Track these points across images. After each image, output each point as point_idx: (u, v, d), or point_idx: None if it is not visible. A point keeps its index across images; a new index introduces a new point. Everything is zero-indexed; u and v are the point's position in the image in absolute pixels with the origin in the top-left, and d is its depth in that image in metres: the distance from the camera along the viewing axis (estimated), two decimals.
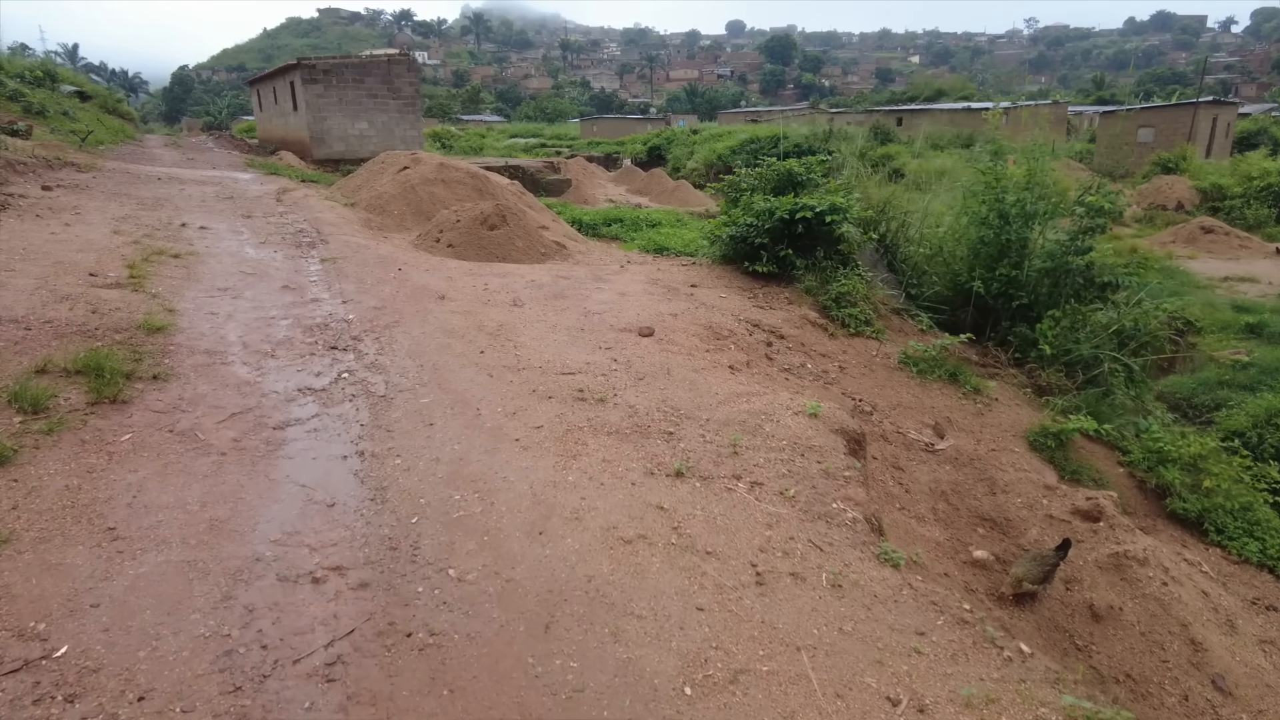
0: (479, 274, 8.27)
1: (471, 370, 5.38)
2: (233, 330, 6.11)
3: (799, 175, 8.93)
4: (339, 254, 8.74)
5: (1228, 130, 37.72)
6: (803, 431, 4.60)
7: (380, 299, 7.04)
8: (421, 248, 10.72)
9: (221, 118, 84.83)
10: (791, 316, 7.33)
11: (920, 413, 6.43)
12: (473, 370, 5.38)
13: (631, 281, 8.06)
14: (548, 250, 11.29)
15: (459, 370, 5.37)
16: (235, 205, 11.85)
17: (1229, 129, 37.87)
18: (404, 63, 27.54)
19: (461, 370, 5.37)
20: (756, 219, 8.13)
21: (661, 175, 35.38)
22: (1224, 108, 37.79)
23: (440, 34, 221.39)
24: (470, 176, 13.57)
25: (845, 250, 8.18)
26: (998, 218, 8.42)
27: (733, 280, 8.36)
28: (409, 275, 7.90)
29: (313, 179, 19.23)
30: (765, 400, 4.99)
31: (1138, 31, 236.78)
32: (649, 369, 5.49)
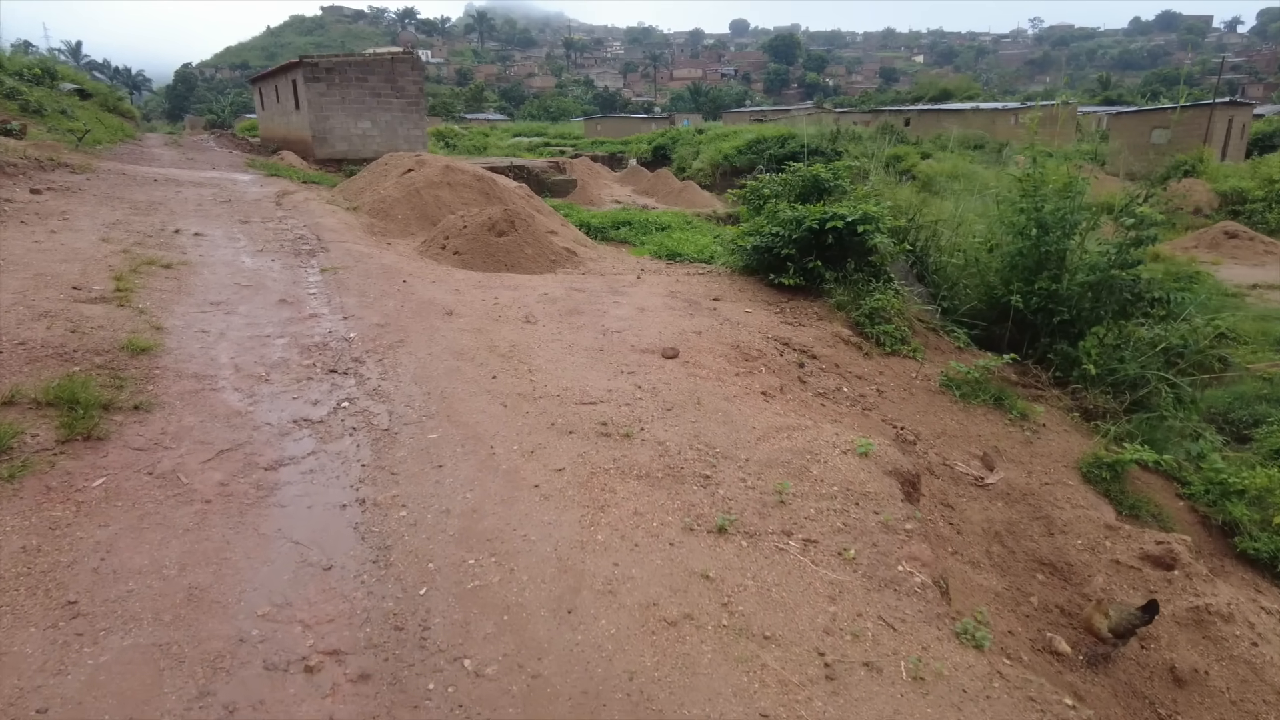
0: (488, 286, 7.81)
1: (483, 399, 4.92)
2: (224, 351, 5.65)
3: (825, 181, 8.47)
4: (340, 263, 8.28)
5: (1243, 131, 37.16)
6: (854, 474, 4.12)
7: (384, 315, 6.57)
8: (427, 255, 10.26)
9: (224, 116, 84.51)
10: (823, 334, 6.86)
11: (966, 442, 5.96)
12: (485, 399, 4.92)
13: (650, 295, 7.59)
14: (558, 257, 10.83)
15: (469, 399, 4.90)
16: (233, 209, 11.40)
17: (1244, 130, 37.31)
18: (408, 61, 27.08)
19: (472, 399, 4.90)
20: (783, 228, 7.66)
21: (668, 176, 34.93)
22: (1239, 109, 37.23)
23: (444, 32, 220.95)
24: (476, 179, 13.11)
25: (877, 262, 7.71)
26: (1036, 227, 7.95)
27: (757, 293, 7.89)
28: (414, 288, 7.44)
29: (314, 180, 18.78)
30: (808, 436, 4.52)
31: (1143, 31, 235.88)
32: (677, 397, 5.02)
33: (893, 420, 5.93)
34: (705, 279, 8.53)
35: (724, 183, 45.49)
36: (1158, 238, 7.65)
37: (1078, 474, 5.91)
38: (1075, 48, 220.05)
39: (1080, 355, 7.49)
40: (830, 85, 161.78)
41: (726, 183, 45.49)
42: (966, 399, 6.43)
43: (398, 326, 6.28)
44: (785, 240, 7.61)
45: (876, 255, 7.68)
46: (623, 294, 7.59)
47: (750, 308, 7.41)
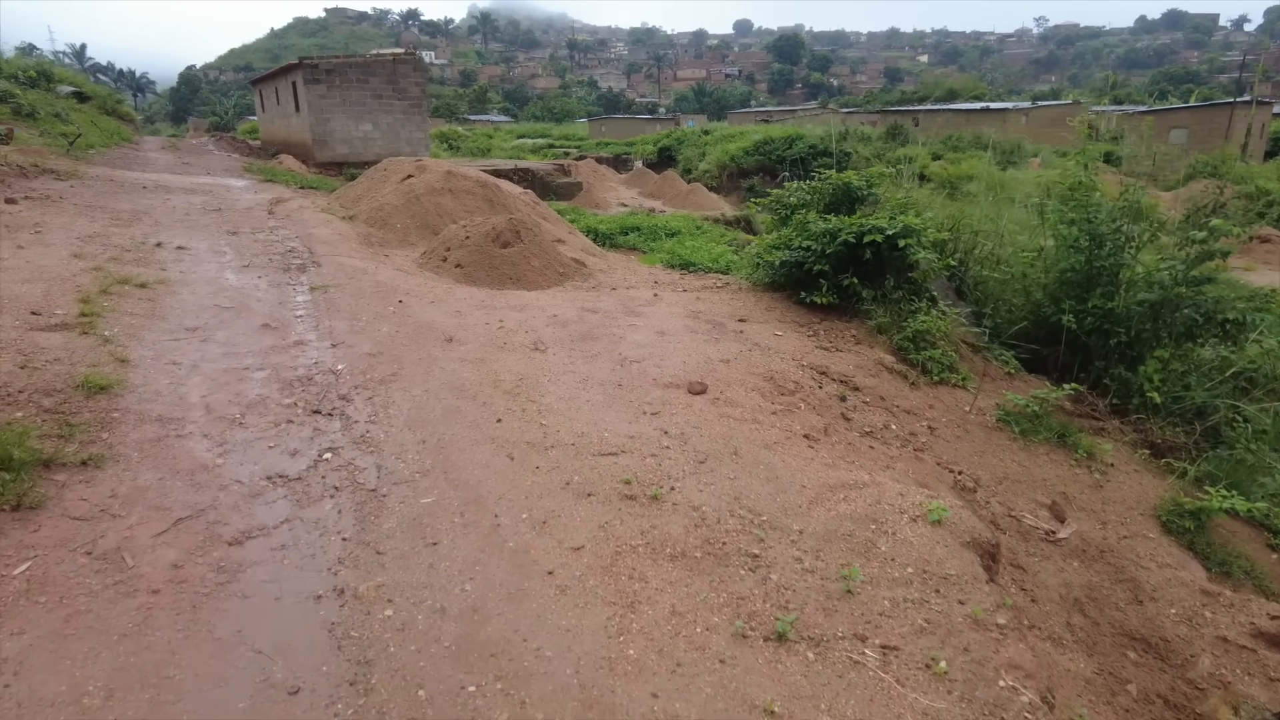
0: (492, 306, 7.15)
1: (486, 448, 4.26)
2: (196, 387, 5.00)
3: (858, 190, 7.80)
4: (331, 280, 7.63)
5: (1262, 131, 36.41)
6: (929, 549, 3.46)
7: (376, 342, 5.92)
8: (427, 268, 9.61)
9: (228, 118, 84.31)
10: (864, 361, 6.19)
11: (1030, 487, 5.29)
12: (488, 448, 4.26)
13: (670, 315, 6.92)
14: (566, 269, 10.17)
15: (470, 449, 4.25)
16: (222, 219, 10.76)
17: (1263, 130, 36.55)
18: (410, 62, 26.48)
19: (474, 449, 4.25)
20: (815, 242, 6.99)
21: (674, 178, 34.26)
22: (1259, 108, 36.46)
23: (447, 34, 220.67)
24: (480, 186, 12.46)
25: (918, 279, 7.04)
26: (1088, 240, 7.28)
27: (786, 312, 7.22)
28: (411, 309, 6.78)
29: (313, 185, 18.15)
30: (868, 497, 3.85)
31: (1149, 30, 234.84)
32: (710, 445, 4.36)
33: (948, 463, 5.26)
34: (728, 296, 7.86)
35: (731, 184, 44.89)
36: (1231, 251, 6.97)
37: (1156, 523, 5.23)
38: (1080, 47, 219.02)
39: (1141, 381, 6.82)
40: (835, 85, 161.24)
41: (733, 184, 44.93)
42: (1026, 436, 5.75)
43: (391, 356, 5.63)
44: (817, 255, 6.95)
45: (917, 272, 7.01)
46: (640, 314, 6.93)
47: (780, 330, 6.74)
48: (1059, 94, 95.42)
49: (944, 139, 45.28)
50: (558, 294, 8.36)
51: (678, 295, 7.98)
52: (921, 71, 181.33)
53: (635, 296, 7.78)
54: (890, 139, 45.18)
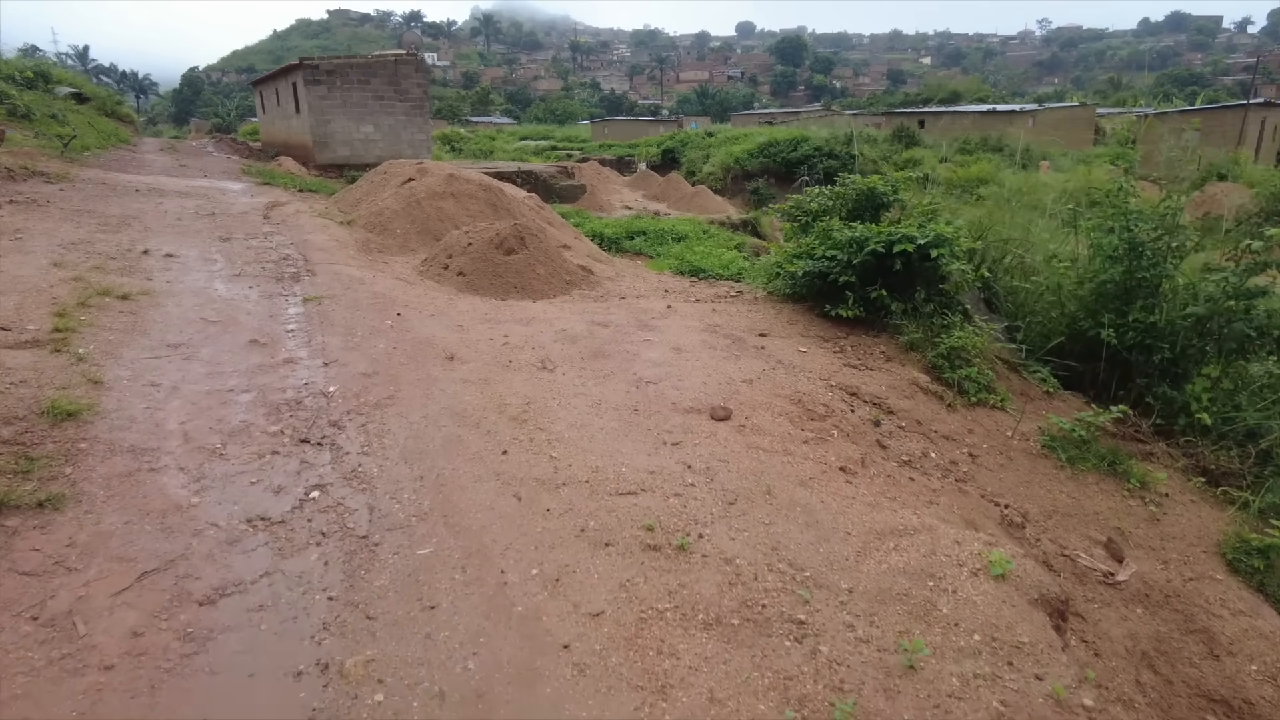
0: (496, 319, 6.73)
1: (491, 486, 3.83)
2: (174, 412, 4.58)
3: (883, 195, 7.37)
4: (326, 291, 7.21)
5: (1275, 133, 35.92)
6: (994, 609, 3.03)
7: (372, 359, 5.50)
8: (428, 276, 9.19)
9: (230, 119, 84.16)
10: (896, 381, 5.75)
11: (1082, 522, 4.85)
12: (492, 486, 3.83)
13: (685, 329, 6.49)
14: (573, 277, 9.75)
15: (473, 487, 3.82)
16: (215, 224, 10.35)
17: (1276, 131, 36.07)
18: (411, 63, 26.10)
19: (476, 487, 3.82)
20: (840, 251, 6.55)
21: (679, 180, 33.83)
22: (1272, 110, 35.98)
23: (450, 35, 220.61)
24: (483, 189, 12.04)
25: (949, 291, 6.61)
26: (1127, 251, 6.85)
27: (809, 326, 6.79)
28: (410, 322, 6.36)
29: (311, 188, 17.75)
30: (921, 545, 3.42)
31: (1152, 32, 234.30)
32: (740, 482, 3.93)
33: (994, 495, 4.83)
34: (745, 307, 7.42)
35: (735, 187, 44.46)
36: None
37: (1222, 562, 4.80)
38: (1084, 49, 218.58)
39: (1188, 400, 6.38)
40: (837, 87, 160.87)
41: (738, 187, 44.50)
42: (1074, 463, 5.32)
43: (388, 376, 5.20)
44: (843, 265, 6.51)
45: (949, 284, 6.58)
46: (653, 328, 6.50)
47: (804, 345, 6.31)
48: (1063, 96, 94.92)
49: (951, 141, 44.79)
50: (565, 305, 7.93)
51: (691, 306, 7.55)
52: (924, 74, 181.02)
53: (647, 308, 7.35)
54: (897, 141, 44.76)
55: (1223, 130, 32.14)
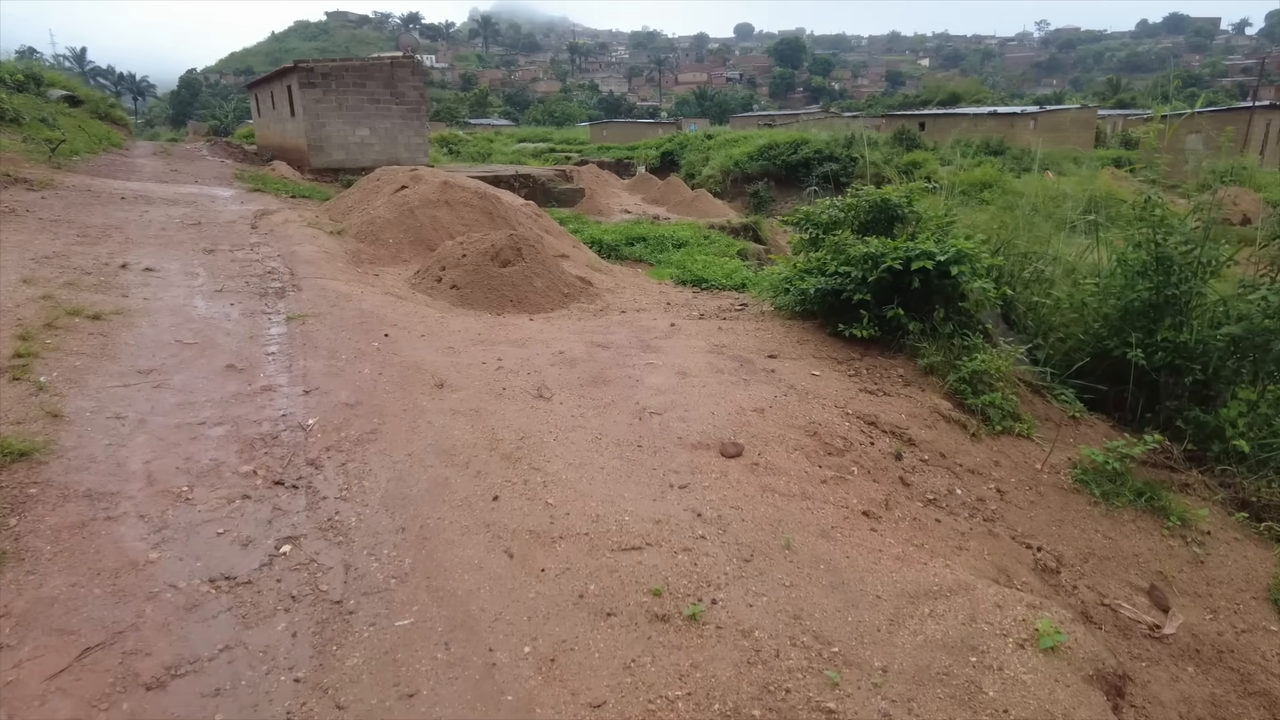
0: (490, 340, 6.36)
1: (480, 540, 3.47)
2: (139, 450, 4.21)
3: (897, 207, 7.01)
4: (312, 308, 6.84)
5: (1277, 136, 35.63)
6: (1047, 690, 2.67)
7: (356, 388, 5.13)
8: (420, 289, 8.83)
9: (228, 122, 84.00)
10: (917, 409, 5.39)
11: (1120, 565, 4.49)
12: (482, 540, 3.47)
13: (690, 350, 6.13)
14: (571, 289, 9.39)
15: (460, 541, 3.45)
16: (200, 234, 9.98)
17: (1277, 135, 35.78)
18: (408, 65, 25.77)
19: (464, 541, 3.46)
20: (854, 268, 6.19)
21: (679, 184, 33.50)
22: (1276, 112, 35.69)
23: (448, 37, 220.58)
24: (478, 198, 11.68)
25: (969, 309, 6.25)
26: (1156, 265, 6.50)
27: (820, 346, 6.43)
28: (398, 345, 5.99)
29: (304, 194, 17.41)
30: (959, 610, 3.06)
31: (1150, 34, 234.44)
32: (755, 534, 3.56)
33: (1025, 536, 4.47)
34: (752, 325, 7.06)
35: (735, 190, 44.18)
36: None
37: (1274, 609, 4.44)
38: (1082, 50, 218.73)
39: (1223, 425, 6.02)
40: (836, 89, 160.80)
41: (738, 190, 44.22)
42: (1108, 499, 4.95)
43: (371, 407, 4.84)
44: (857, 282, 6.15)
45: (969, 301, 6.22)
46: (657, 350, 6.13)
47: (817, 368, 5.94)
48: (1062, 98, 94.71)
49: (952, 143, 44.47)
50: (563, 321, 7.57)
51: (696, 324, 7.18)
52: (923, 75, 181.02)
53: (650, 326, 6.98)
54: (899, 144, 44.46)
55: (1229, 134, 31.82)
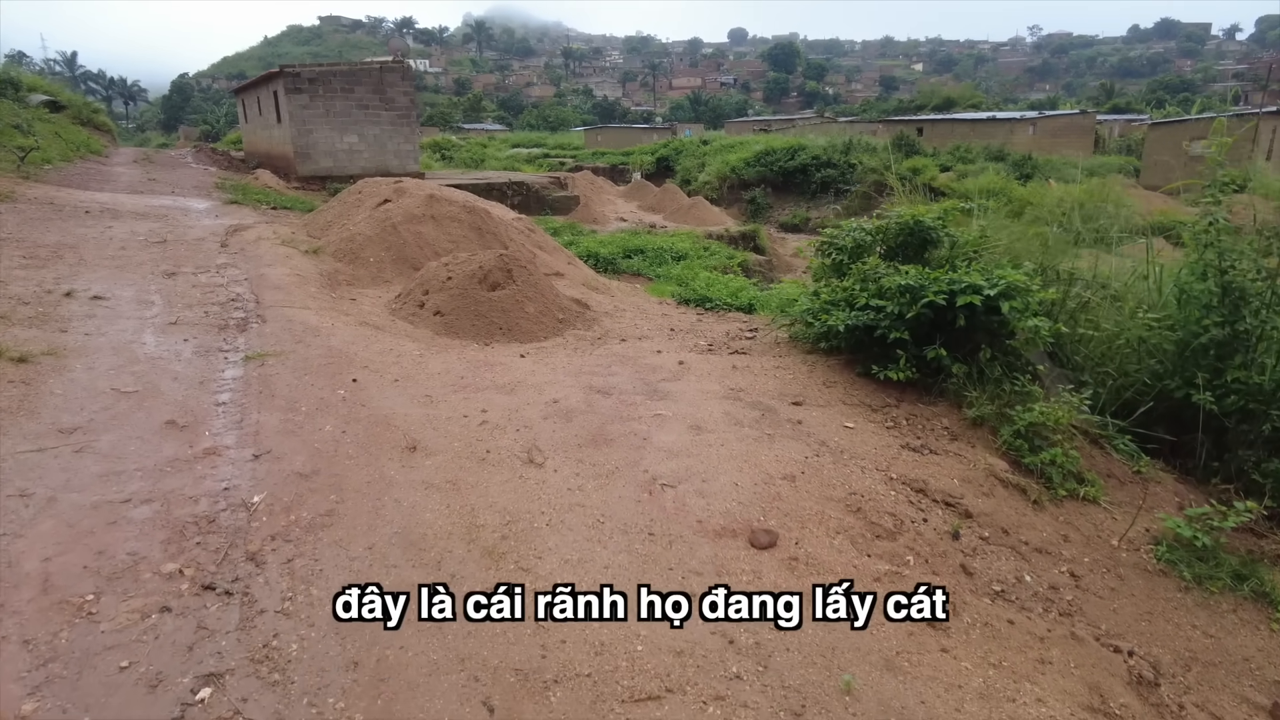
0: (474, 384, 5.58)
1: (451, 683, 2.69)
2: (39, 541, 3.44)
3: (930, 230, 6.27)
4: (275, 345, 6.06)
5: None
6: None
7: (314, 450, 4.35)
8: (401, 315, 8.07)
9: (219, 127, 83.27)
10: (970, 470, 4.64)
11: (1230, 672, 3.74)
12: (453, 683, 2.69)
13: (703, 396, 5.36)
14: (566, 314, 8.63)
15: (426, 685, 2.68)
16: (164, 254, 9.19)
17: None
18: (398, 70, 25.02)
19: (431, 686, 2.68)
20: (890, 302, 5.44)
21: (675, 191, 32.80)
22: (1278, 119, 35.14)
23: (442, 42, 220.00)
24: (467, 212, 10.91)
25: (1017, 347, 5.51)
26: (1221, 296, 5.78)
27: (850, 389, 5.67)
28: (367, 393, 5.21)
29: (287, 205, 16.61)
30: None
31: (1141, 39, 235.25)
32: (803, 672, 2.80)
33: (1111, 636, 3.72)
34: (770, 361, 6.30)
35: (732, 196, 43.57)
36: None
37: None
38: (1074, 55, 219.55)
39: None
40: (830, 94, 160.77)
41: (734, 196, 43.61)
42: (1201, 583, 4.21)
43: (331, 477, 4.06)
44: (892, 318, 5.41)
45: (1018, 339, 5.48)
46: (665, 396, 5.36)
47: (849, 417, 5.19)
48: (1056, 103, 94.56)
49: (952, 149, 43.88)
50: (558, 354, 6.80)
51: (706, 360, 6.41)
52: (917, 80, 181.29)
53: (657, 365, 6.20)
54: (897, 149, 43.81)
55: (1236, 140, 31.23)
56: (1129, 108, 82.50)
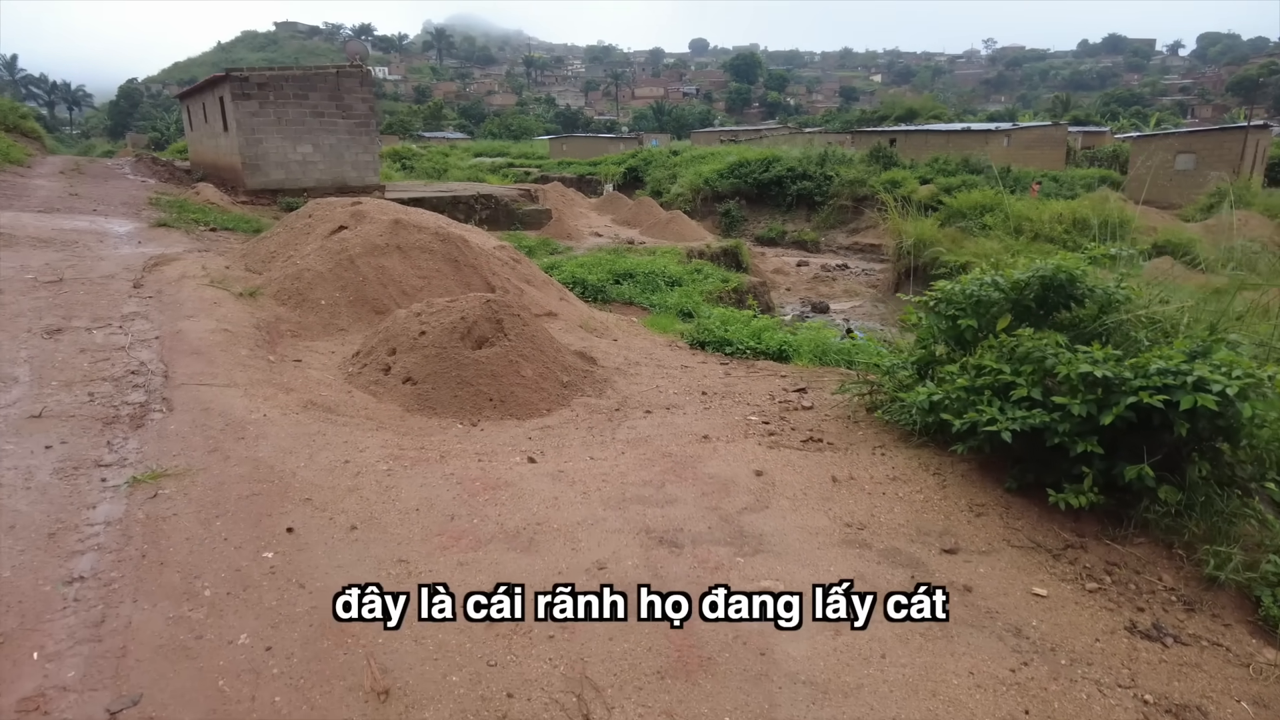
0: (471, 532, 3.75)
1: None
2: None
3: (1078, 286, 4.64)
4: (179, 458, 4.20)
5: (1262, 156, 34.75)
6: None
7: (214, 696, 2.55)
8: (360, 382, 6.26)
9: (170, 134, 79.95)
10: (1233, 669, 2.99)
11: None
12: None
13: (813, 543, 3.63)
14: (571, 374, 6.88)
15: None
16: (54, 299, 7.21)
17: (1263, 155, 34.91)
18: (356, 75, 23.01)
19: None
20: (1073, 400, 3.79)
21: (651, 204, 31.19)
22: (1261, 132, 34.81)
23: (402, 49, 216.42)
24: (440, 241, 9.08)
25: (1240, 460, 3.90)
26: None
27: (1008, 516, 4.00)
28: (309, 555, 3.38)
29: (230, 225, 14.59)
30: None
31: (1091, 53, 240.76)
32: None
33: None
34: (879, 466, 4.59)
35: (706, 208, 42.04)
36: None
37: None
38: (1028, 68, 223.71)
39: None
40: (792, 104, 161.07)
41: (708, 209, 42.08)
42: None
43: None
44: (1077, 423, 3.77)
45: (1242, 449, 3.87)
46: (758, 547, 3.60)
47: (1027, 570, 3.53)
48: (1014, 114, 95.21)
49: (930, 161, 42.92)
50: (571, 441, 5.02)
51: (786, 463, 4.67)
52: (876, 90, 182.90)
53: (723, 476, 4.42)
54: (874, 161, 42.73)
55: (1221, 154, 30.64)
56: (1087, 120, 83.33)
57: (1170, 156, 32.29)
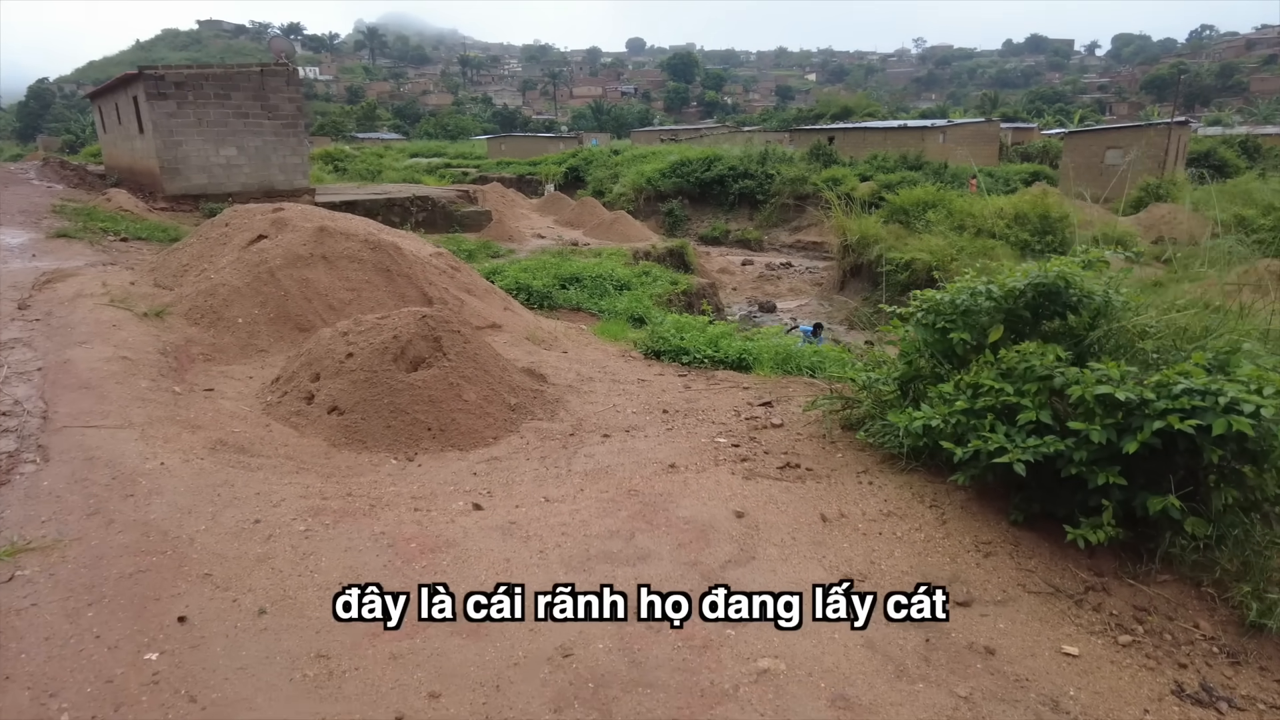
0: (413, 647, 3.17)
1: None
2: None
3: (1072, 293, 4.27)
4: (49, 524, 3.48)
5: (1183, 151, 35.96)
6: None
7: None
8: (280, 414, 5.56)
9: (85, 136, 76.14)
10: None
11: None
12: None
13: (821, 640, 3.15)
14: (520, 395, 6.28)
15: None
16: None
17: (1183, 150, 36.12)
18: (282, 74, 21.83)
19: None
20: (1090, 425, 3.38)
21: (594, 204, 30.59)
22: (1183, 129, 36.01)
23: (333, 49, 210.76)
24: (370, 249, 8.36)
25: (1266, 488, 3.56)
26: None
27: (1018, 555, 3.57)
28: (204, 655, 2.71)
29: (143, 235, 13.50)
30: None
31: (1015, 52, 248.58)
32: None
33: None
34: (870, 501, 4.13)
35: (649, 208, 41.62)
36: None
37: None
38: (956, 67, 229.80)
39: None
40: (729, 103, 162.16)
41: (651, 208, 41.66)
42: None
43: None
44: (1092, 450, 3.36)
45: (1269, 473, 3.53)
46: (781, 656, 3.11)
47: (1051, 622, 3.10)
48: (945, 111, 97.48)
49: (869, 158, 43.30)
50: (522, 477, 4.44)
51: (768, 498, 4.17)
52: (811, 89, 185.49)
53: (699, 520, 3.88)
54: (815, 159, 42.93)
55: (1147, 149, 31.52)
56: (1015, 116, 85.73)
57: (1100, 151, 33.11)
